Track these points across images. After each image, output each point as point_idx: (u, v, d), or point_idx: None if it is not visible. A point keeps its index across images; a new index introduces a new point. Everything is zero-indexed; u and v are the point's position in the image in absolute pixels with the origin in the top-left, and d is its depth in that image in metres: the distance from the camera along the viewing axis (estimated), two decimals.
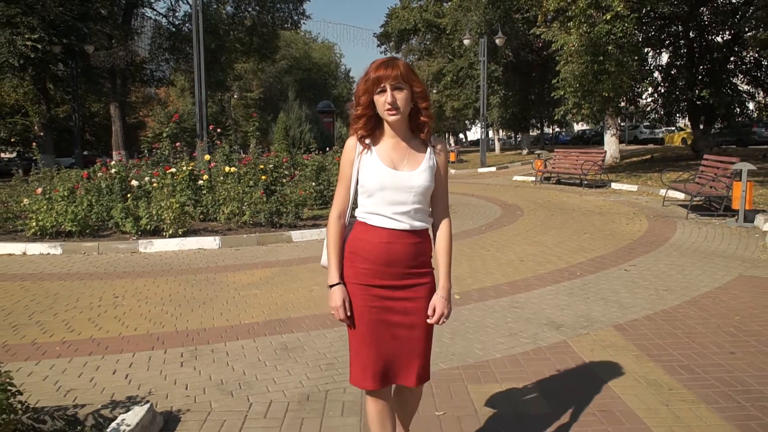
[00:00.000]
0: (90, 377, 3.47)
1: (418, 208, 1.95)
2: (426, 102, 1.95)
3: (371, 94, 1.90)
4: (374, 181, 1.92)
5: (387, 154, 1.95)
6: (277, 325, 4.37)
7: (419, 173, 1.93)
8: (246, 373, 3.48)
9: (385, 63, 1.90)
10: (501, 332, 4.10)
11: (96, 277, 6.07)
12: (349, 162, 1.99)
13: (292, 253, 7.22)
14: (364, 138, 1.97)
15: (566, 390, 3.16)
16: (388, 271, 1.94)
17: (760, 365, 3.44)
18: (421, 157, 1.96)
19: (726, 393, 3.08)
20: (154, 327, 4.40)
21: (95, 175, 9.45)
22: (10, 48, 19.52)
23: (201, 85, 11.85)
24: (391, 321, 1.97)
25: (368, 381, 1.98)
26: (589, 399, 3.04)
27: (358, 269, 1.97)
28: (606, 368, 3.43)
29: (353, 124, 1.97)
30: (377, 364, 1.97)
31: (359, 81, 1.95)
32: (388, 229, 1.93)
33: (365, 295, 1.96)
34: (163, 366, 3.64)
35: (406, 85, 1.88)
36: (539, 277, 5.68)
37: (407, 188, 1.92)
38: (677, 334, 3.99)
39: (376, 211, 1.95)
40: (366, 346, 1.97)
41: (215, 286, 5.60)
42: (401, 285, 1.96)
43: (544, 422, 2.81)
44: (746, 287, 5.15)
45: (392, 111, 1.87)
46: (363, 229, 1.97)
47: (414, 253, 1.96)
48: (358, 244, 1.98)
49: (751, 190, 8.24)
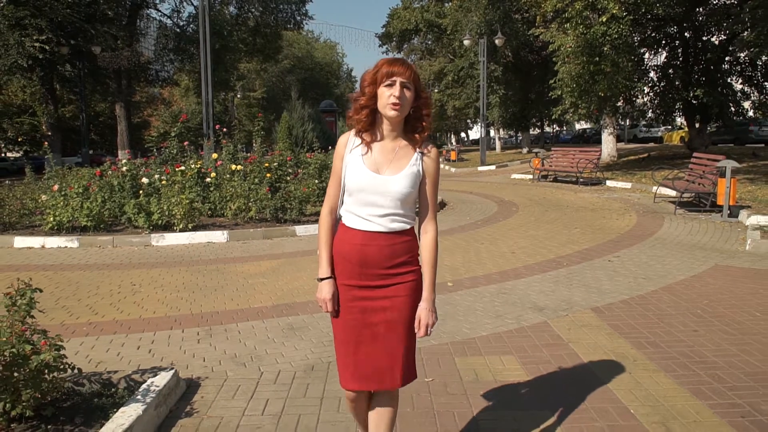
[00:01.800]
0: (117, 352, 3.87)
1: (395, 212, 1.94)
2: (428, 110, 1.97)
3: (377, 85, 1.90)
4: (354, 182, 1.94)
5: (372, 156, 1.96)
6: (283, 309, 4.76)
7: (399, 179, 1.93)
8: (257, 348, 3.88)
9: (400, 61, 1.92)
10: (488, 314, 4.49)
11: (113, 268, 6.48)
12: (340, 158, 2.01)
13: (296, 246, 7.61)
14: (361, 132, 1.98)
15: (542, 361, 3.55)
16: (364, 272, 1.95)
17: (719, 341, 3.82)
18: (406, 162, 1.96)
19: (684, 363, 3.47)
20: (171, 310, 4.80)
21: (107, 173, 9.85)
22: (19, 49, 19.95)
23: (208, 86, 12.25)
24: (370, 321, 1.97)
25: (347, 381, 2.00)
26: (562, 368, 3.43)
27: (339, 269, 2.01)
28: (579, 343, 3.82)
29: (355, 115, 1.96)
30: (356, 363, 1.97)
31: (366, 73, 1.94)
32: (362, 231, 1.94)
33: (345, 295, 1.99)
34: (182, 342, 4.04)
35: (414, 88, 1.90)
36: (528, 267, 6.07)
37: (384, 192, 1.92)
38: (648, 315, 4.38)
39: (353, 211, 1.97)
40: (345, 345, 2.00)
41: (225, 276, 6.00)
42: (378, 285, 1.96)
43: (520, 386, 3.20)
44: (719, 276, 5.52)
45: (396, 105, 1.87)
46: (343, 230, 2.01)
47: (389, 255, 1.95)
48: (338, 245, 2.01)
49: (734, 186, 8.61)
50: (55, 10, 20.51)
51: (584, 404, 2.97)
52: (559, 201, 11.78)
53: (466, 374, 3.36)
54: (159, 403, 2.91)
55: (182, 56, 27.99)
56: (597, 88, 15.11)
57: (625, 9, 14.22)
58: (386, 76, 1.87)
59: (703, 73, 17.86)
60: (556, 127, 42.63)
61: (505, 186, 15.59)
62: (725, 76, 18.12)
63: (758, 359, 3.51)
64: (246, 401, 3.10)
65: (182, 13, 29.52)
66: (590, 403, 2.98)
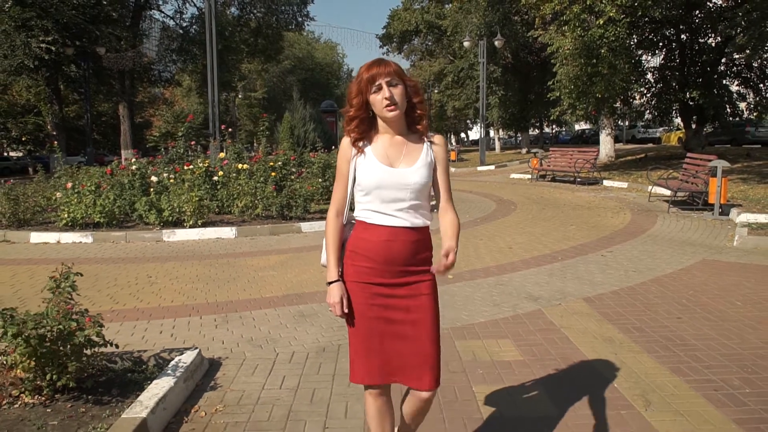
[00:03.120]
0: (141, 336, 4.17)
1: (416, 205, 1.95)
2: (419, 96, 1.96)
3: (365, 94, 1.91)
4: (371, 179, 1.93)
5: (383, 151, 1.96)
6: (293, 298, 5.06)
7: (416, 170, 1.94)
8: (271, 333, 4.18)
9: (377, 62, 1.92)
10: (486, 303, 4.79)
11: (128, 261, 6.78)
12: (346, 160, 2.00)
13: (302, 241, 7.91)
14: (357, 141, 1.98)
15: (535, 344, 3.85)
16: (389, 270, 1.94)
17: (700, 327, 4.12)
18: (418, 152, 1.97)
19: (666, 346, 3.77)
20: (188, 300, 5.10)
21: (117, 172, 10.14)
22: (26, 50, 20.26)
23: (214, 87, 12.54)
24: (393, 318, 1.96)
25: (369, 376, 1.98)
26: (554, 349, 3.73)
27: (359, 267, 1.97)
28: (571, 329, 4.12)
29: (347, 127, 1.98)
30: (379, 359, 1.96)
31: (351, 84, 1.97)
32: (388, 227, 1.93)
33: (366, 294, 1.96)
34: (201, 328, 4.34)
35: (400, 81, 1.89)
36: (525, 261, 6.37)
37: (404, 185, 1.92)
38: (636, 304, 4.68)
39: (375, 208, 1.95)
40: (368, 343, 1.97)
41: (236, 269, 6.30)
42: (402, 282, 1.95)
43: (514, 365, 3.50)
44: (706, 269, 5.82)
45: (391, 106, 1.88)
46: (362, 228, 1.98)
47: (414, 251, 1.95)
48: (358, 242, 1.98)
49: (725, 185, 8.91)
50: (60, 12, 20.81)
51: (572, 379, 3.27)
52: (557, 200, 12.08)
53: (465, 355, 3.66)
54: (187, 377, 3.20)
55: (185, 57, 28.29)
56: (594, 90, 15.41)
57: (622, 12, 14.53)
58: (369, 82, 1.89)
59: (699, 74, 18.16)
60: (555, 128, 42.96)
61: (504, 185, 15.89)
62: (721, 77, 18.43)
63: (735, 342, 3.80)
64: (264, 377, 3.40)
65: (185, 14, 29.73)
66: (577, 379, 3.28)
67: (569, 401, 3.00)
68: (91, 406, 2.89)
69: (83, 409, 2.86)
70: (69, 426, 2.70)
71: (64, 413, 2.81)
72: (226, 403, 3.08)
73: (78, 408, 2.86)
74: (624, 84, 15.90)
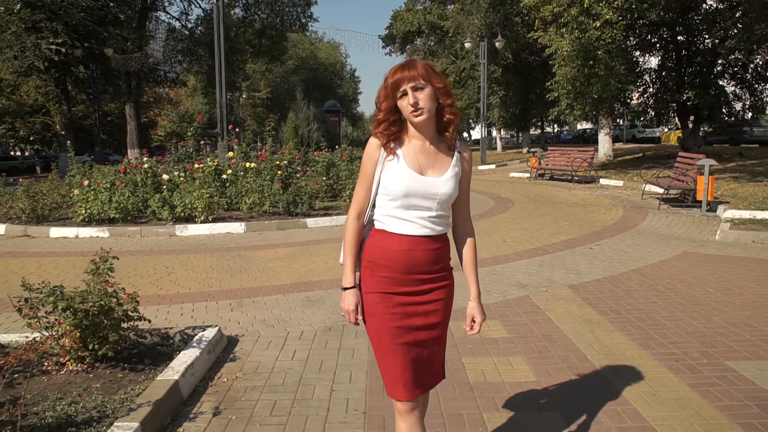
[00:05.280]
0: (164, 317, 4.60)
1: (440, 215, 1.92)
2: (449, 98, 1.87)
3: (393, 99, 1.85)
4: (400, 186, 1.86)
5: (414, 158, 1.89)
6: (301, 286, 5.48)
7: (445, 180, 1.89)
8: (282, 315, 4.60)
9: (402, 65, 1.85)
10: None
11: (145, 254, 7.21)
12: (373, 162, 1.92)
13: (308, 236, 8.34)
14: (388, 144, 1.91)
15: (521, 324, 4.26)
16: (408, 278, 1.91)
17: (672, 310, 4.53)
18: (448, 163, 1.92)
19: (639, 326, 4.17)
20: (204, 287, 5.53)
21: (130, 170, 10.58)
22: (36, 51, 20.76)
23: (222, 88, 12.97)
24: (413, 325, 1.93)
25: (401, 391, 1.92)
26: (537, 329, 4.14)
27: (378, 278, 1.92)
28: (554, 312, 4.53)
29: (375, 128, 1.93)
30: (407, 371, 1.91)
31: (380, 88, 1.91)
32: (409, 236, 1.89)
33: (387, 303, 1.91)
34: (217, 311, 4.77)
35: (427, 84, 1.81)
36: (517, 253, 6.78)
37: (432, 195, 1.87)
38: (616, 291, 5.09)
39: (398, 215, 1.90)
40: (393, 354, 1.92)
41: (246, 260, 6.73)
42: (421, 290, 1.93)
43: (500, 341, 3.91)
44: (686, 260, 6.23)
45: (417, 112, 1.81)
46: (382, 237, 1.93)
47: (434, 259, 1.93)
48: (377, 252, 1.93)
49: (712, 183, 9.30)
50: (70, 14, 21.28)
51: (550, 352, 3.68)
52: (553, 197, 12.48)
53: (456, 333, 4.06)
54: (209, 349, 3.63)
55: (190, 58, 28.77)
56: (591, 90, 15.81)
57: (619, 14, 14.92)
58: (394, 87, 1.83)
59: (695, 75, 18.52)
60: (556, 128, 43.32)
61: (503, 184, 16.29)
62: (717, 78, 18.78)
63: (701, 322, 4.21)
64: (278, 351, 3.82)
65: (190, 16, 30.26)
66: (555, 351, 3.69)
67: (546, 369, 3.42)
68: (127, 373, 3.31)
69: (121, 375, 3.29)
70: (110, 388, 3.12)
71: (105, 378, 3.24)
72: (245, 371, 3.51)
73: (116, 374, 3.29)
74: (619, 85, 16.27)
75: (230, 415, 2.95)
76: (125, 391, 3.07)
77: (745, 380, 3.22)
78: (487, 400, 3.05)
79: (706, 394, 3.06)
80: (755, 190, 10.89)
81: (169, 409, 2.94)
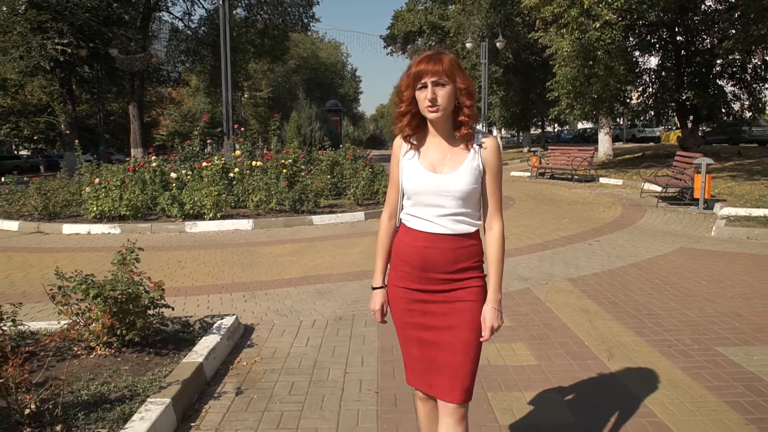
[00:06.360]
0: (181, 308, 4.81)
1: (460, 212, 1.84)
2: (470, 100, 1.81)
3: (413, 89, 1.81)
4: (412, 184, 1.87)
5: (427, 156, 1.88)
6: (310, 279, 5.70)
7: (457, 176, 1.82)
8: (294, 306, 4.82)
9: (428, 57, 1.79)
10: None
11: (157, 249, 7.43)
12: (396, 162, 1.94)
13: (314, 233, 8.55)
14: (409, 137, 1.90)
15: (521, 314, 4.47)
16: (425, 276, 1.86)
17: (667, 301, 4.74)
18: (463, 157, 1.85)
19: (634, 315, 4.39)
20: (217, 280, 5.75)
21: (139, 169, 10.81)
22: (41, 51, 20.98)
23: (227, 88, 13.19)
24: (423, 324, 1.89)
25: (408, 375, 1.99)
26: (538, 318, 4.36)
27: (399, 272, 1.93)
28: (553, 303, 4.74)
29: (398, 123, 1.90)
30: (418, 365, 1.92)
31: (402, 75, 1.85)
32: (425, 233, 1.85)
33: (405, 299, 1.91)
34: (231, 302, 4.99)
35: (449, 81, 1.76)
36: (518, 249, 6.99)
37: (444, 192, 1.82)
38: (614, 284, 5.30)
39: (416, 213, 1.88)
40: (408, 347, 1.95)
41: (256, 255, 6.94)
42: (440, 290, 1.86)
43: (502, 330, 4.12)
44: (681, 255, 6.44)
45: (432, 108, 1.77)
46: (404, 231, 1.93)
47: (453, 259, 1.84)
48: (400, 247, 1.94)
49: (709, 181, 9.52)
50: (75, 14, 21.50)
51: (551, 339, 3.90)
52: (553, 196, 12.70)
53: None
54: (229, 336, 3.85)
55: (193, 58, 28.98)
56: (591, 90, 16.01)
57: (619, 15, 15.12)
58: (416, 78, 1.79)
59: (694, 75, 18.72)
60: (557, 127, 43.51)
61: (504, 182, 16.16)
62: (716, 78, 18.98)
63: (694, 312, 4.42)
64: (292, 338, 4.04)
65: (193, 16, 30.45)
66: (555, 338, 3.91)
67: (546, 354, 3.63)
68: (153, 357, 3.53)
69: (147, 358, 3.50)
70: (138, 370, 3.34)
71: (132, 362, 3.45)
72: (263, 356, 3.72)
73: (143, 358, 3.50)
74: (619, 85, 16.48)
75: (252, 395, 3.17)
76: (153, 372, 3.28)
77: (733, 364, 3.43)
78: (491, 381, 3.26)
79: (696, 376, 3.27)
80: (752, 189, 11.10)
81: (195, 388, 3.16)
